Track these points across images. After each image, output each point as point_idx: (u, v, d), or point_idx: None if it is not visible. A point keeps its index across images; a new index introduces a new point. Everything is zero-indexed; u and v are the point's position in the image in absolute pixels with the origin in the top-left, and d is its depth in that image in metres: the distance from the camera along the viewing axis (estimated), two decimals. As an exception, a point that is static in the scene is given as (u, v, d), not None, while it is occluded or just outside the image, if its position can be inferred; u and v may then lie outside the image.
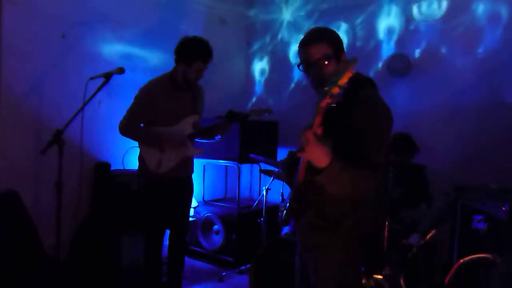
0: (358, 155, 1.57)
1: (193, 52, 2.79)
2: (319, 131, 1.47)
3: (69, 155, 2.83)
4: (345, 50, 1.80)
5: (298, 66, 1.81)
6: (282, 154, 4.40)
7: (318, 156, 1.48)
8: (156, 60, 4.02)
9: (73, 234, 3.37)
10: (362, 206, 1.73)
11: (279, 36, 4.93)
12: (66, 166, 2.68)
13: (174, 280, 3.18)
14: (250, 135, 4.13)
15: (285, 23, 4.88)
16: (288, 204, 1.82)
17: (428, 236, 1.27)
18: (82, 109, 2.54)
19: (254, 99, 5.18)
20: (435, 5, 3.81)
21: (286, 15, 4.85)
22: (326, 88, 1.43)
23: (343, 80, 1.40)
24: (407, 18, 3.98)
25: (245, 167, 4.87)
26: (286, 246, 2.91)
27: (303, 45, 1.78)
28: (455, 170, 3.49)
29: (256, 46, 5.15)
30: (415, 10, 3.91)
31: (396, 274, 1.75)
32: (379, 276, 1.64)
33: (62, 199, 2.63)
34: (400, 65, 3.98)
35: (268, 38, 5.03)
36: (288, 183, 1.94)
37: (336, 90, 1.40)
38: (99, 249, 3.34)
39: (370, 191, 1.72)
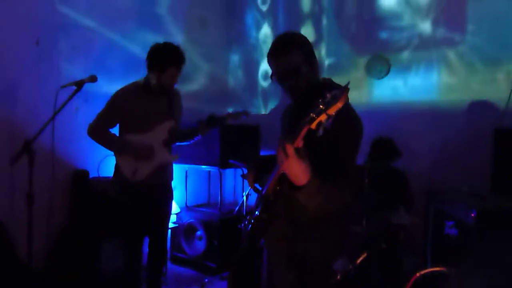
0: (337, 169, 1.54)
1: (165, 58, 2.77)
2: (300, 144, 1.36)
3: (44, 164, 2.79)
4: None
5: (271, 77, 1.76)
6: (264, 158, 4.39)
7: (297, 173, 1.40)
8: (134, 65, 3.99)
9: (52, 243, 3.33)
10: (333, 215, 1.70)
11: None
12: (41, 176, 2.65)
13: (154, 287, 3.15)
14: (231, 139, 4.11)
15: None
16: (256, 215, 1.79)
17: (359, 260, 1.19)
18: (52, 119, 2.50)
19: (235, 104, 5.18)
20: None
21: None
22: (313, 115, 1.28)
23: (334, 110, 1.25)
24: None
25: (229, 171, 4.85)
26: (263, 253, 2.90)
27: (272, 56, 1.72)
28: (432, 173, 3.48)
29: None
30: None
31: None
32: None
33: (36, 209, 2.58)
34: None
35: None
36: (253, 188, 1.92)
37: (323, 118, 1.26)
38: (79, 257, 3.31)
39: (344, 202, 1.70)
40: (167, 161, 2.97)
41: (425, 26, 3.74)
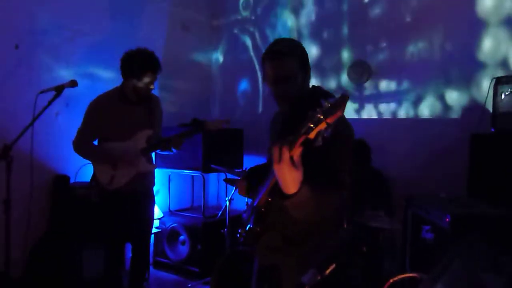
0: (329, 177, 1.51)
1: (140, 65, 2.73)
2: (297, 152, 1.25)
3: (23, 170, 2.76)
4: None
5: (264, 79, 1.72)
6: (247, 162, 4.39)
7: (288, 181, 1.32)
8: (116, 69, 3.97)
9: (32, 250, 3.29)
10: (325, 227, 1.68)
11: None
12: (19, 182, 2.61)
13: (136, 293, 3.14)
14: (214, 143, 4.11)
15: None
16: (249, 227, 1.78)
17: (328, 271, 1.18)
18: (31, 124, 2.47)
19: (217, 108, 5.19)
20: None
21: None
22: (311, 124, 1.18)
23: (333, 118, 1.16)
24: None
25: (212, 175, 4.85)
26: (247, 258, 2.90)
27: (269, 59, 1.66)
28: (411, 179, 3.52)
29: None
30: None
31: None
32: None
33: (14, 216, 2.56)
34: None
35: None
36: (246, 195, 1.92)
37: (323, 127, 1.17)
38: (59, 264, 3.28)
39: (335, 212, 1.68)
40: (144, 170, 2.93)
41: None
